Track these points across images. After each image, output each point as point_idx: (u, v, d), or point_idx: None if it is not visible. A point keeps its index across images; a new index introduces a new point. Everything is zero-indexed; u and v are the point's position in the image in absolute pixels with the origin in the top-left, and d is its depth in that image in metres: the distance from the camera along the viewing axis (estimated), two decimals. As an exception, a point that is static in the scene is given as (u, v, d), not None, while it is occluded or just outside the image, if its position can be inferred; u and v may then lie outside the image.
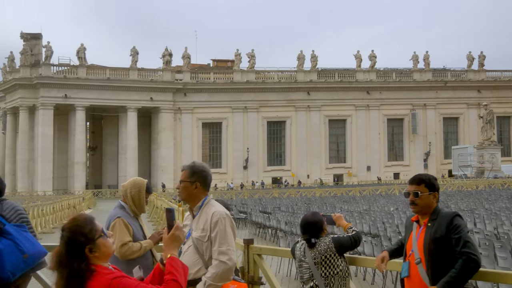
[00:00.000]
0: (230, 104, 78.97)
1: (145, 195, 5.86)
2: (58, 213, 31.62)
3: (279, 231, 20.59)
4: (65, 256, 3.09)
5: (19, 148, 74.59)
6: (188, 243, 5.04)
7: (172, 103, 76.69)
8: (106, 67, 76.42)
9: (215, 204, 5.17)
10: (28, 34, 75.18)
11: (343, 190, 55.68)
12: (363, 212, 24.81)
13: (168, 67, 77.27)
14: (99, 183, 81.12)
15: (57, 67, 74.66)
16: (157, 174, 76.14)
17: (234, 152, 78.87)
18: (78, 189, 69.47)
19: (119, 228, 5.59)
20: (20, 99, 73.24)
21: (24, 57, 74.31)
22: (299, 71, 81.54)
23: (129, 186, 5.84)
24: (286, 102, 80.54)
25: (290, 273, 13.93)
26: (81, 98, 72.66)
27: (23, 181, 73.18)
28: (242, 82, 79.22)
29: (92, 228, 3.16)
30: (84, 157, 76.46)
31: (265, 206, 32.37)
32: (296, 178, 79.06)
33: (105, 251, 3.19)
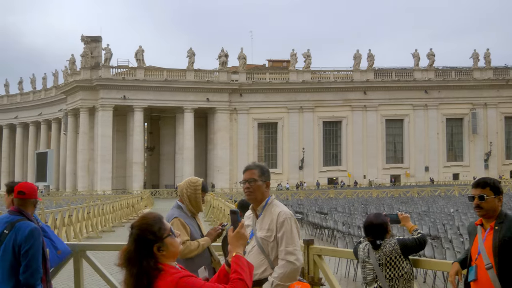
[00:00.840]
0: (285, 104, 78.84)
1: (201, 194, 5.85)
2: (117, 212, 32.21)
3: (336, 231, 20.39)
4: (134, 253, 3.11)
5: (79, 149, 76.43)
6: (252, 243, 5.03)
7: (228, 104, 77.13)
8: (163, 69, 77.52)
9: (279, 204, 5.15)
10: (89, 37, 76.94)
11: (401, 190, 54.88)
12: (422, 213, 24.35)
13: (224, 68, 77.74)
14: (157, 183, 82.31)
15: (116, 69, 76.16)
16: (213, 174, 76.71)
17: (289, 152, 78.69)
18: (136, 189, 70.65)
19: (176, 228, 5.54)
20: (81, 101, 75.03)
21: (84, 59, 76.10)
22: (356, 70, 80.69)
23: (185, 186, 5.86)
24: (342, 102, 79.85)
25: (348, 275, 13.75)
26: (139, 99, 73.93)
27: (83, 180, 74.94)
28: (298, 82, 78.97)
29: (161, 226, 3.20)
30: (142, 157, 77.75)
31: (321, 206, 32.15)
32: (352, 178, 78.28)
33: (173, 251, 3.22)
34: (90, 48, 76.68)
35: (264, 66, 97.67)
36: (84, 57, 76.22)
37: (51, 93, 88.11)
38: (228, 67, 79.63)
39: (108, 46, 74.96)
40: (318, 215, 25.18)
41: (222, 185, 73.72)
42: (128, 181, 74.96)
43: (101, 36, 78.84)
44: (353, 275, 13.58)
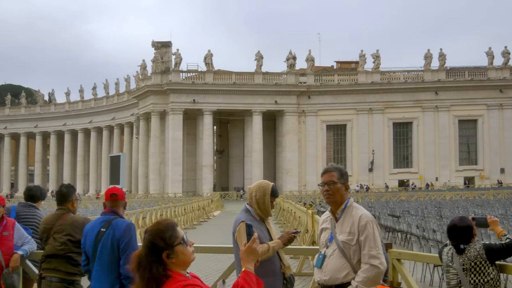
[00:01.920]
0: (354, 106, 77.97)
1: (270, 199, 5.73)
2: (189, 214, 32.62)
3: (410, 235, 19.92)
4: (144, 258, 3.13)
5: (151, 152, 77.99)
6: (332, 246, 4.94)
7: (296, 106, 76.96)
8: (232, 72, 78.17)
9: (358, 206, 5.04)
10: (159, 43, 78.46)
11: (475, 193, 53.24)
12: (500, 216, 23.48)
13: (292, 70, 77.64)
14: (226, 185, 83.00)
15: (185, 74, 77.31)
16: (282, 176, 76.70)
17: (359, 154, 77.77)
18: (206, 191, 71.40)
19: (243, 232, 5.45)
20: (152, 105, 76.57)
21: (155, 64, 77.64)
22: (426, 70, 78.89)
23: (254, 189, 5.76)
24: (412, 103, 78.23)
25: (423, 279, 13.38)
26: (209, 103, 74.80)
27: (154, 183, 76.39)
28: (367, 83, 77.95)
29: (172, 234, 3.18)
30: (212, 160, 78.57)
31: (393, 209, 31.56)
32: (424, 181, 76.56)
33: (183, 259, 3.19)
34: (161, 53, 78.15)
35: (332, 68, 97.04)
36: (154, 62, 77.76)
37: (124, 98, 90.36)
38: (296, 70, 79.47)
39: (177, 51, 76.24)
40: (390, 218, 24.72)
41: (290, 188, 73.59)
42: (198, 183, 75.90)
43: (171, 41, 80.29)
44: (429, 280, 13.21)
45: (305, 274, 14.11)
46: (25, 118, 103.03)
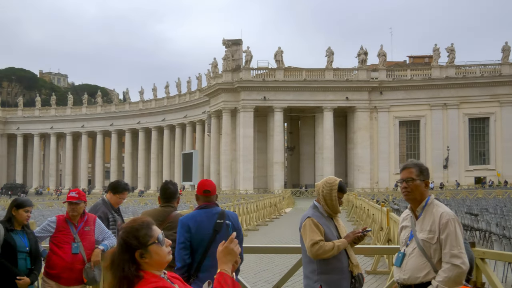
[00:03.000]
0: (428, 101, 76.13)
1: (337, 195, 5.65)
2: (261, 211, 32.71)
3: (490, 233, 19.26)
4: (117, 257, 3.02)
5: (222, 149, 78.79)
6: (412, 245, 4.83)
7: (368, 102, 75.92)
8: (302, 69, 77.90)
9: (440, 204, 4.88)
10: (230, 41, 79.11)
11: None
12: None
13: (364, 66, 76.63)
14: (297, 182, 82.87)
15: (256, 71, 77.64)
16: (354, 173, 75.90)
17: (433, 151, 75.88)
18: (277, 188, 71.51)
19: (309, 228, 5.48)
20: (223, 103, 77.30)
21: (226, 62, 78.34)
22: (504, 63, 76.05)
23: (321, 186, 5.71)
24: (489, 98, 75.61)
25: (505, 280, 12.88)
26: (279, 100, 74.85)
27: (226, 180, 77.12)
28: (441, 78, 75.93)
29: (146, 233, 3.06)
30: (283, 157, 78.59)
31: (470, 207, 30.62)
32: (502, 178, 73.94)
33: (157, 259, 3.06)
34: (231, 51, 78.77)
35: (405, 63, 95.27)
36: (225, 60, 78.47)
37: (195, 96, 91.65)
38: (368, 65, 78.43)
39: (248, 48, 76.66)
40: (468, 216, 24.00)
41: (362, 185, 72.70)
42: (269, 180, 76.12)
43: (242, 39, 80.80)
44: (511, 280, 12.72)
45: (380, 272, 13.90)
46: (101, 117, 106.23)
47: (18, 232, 6.89)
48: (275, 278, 13.03)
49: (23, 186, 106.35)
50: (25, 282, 6.69)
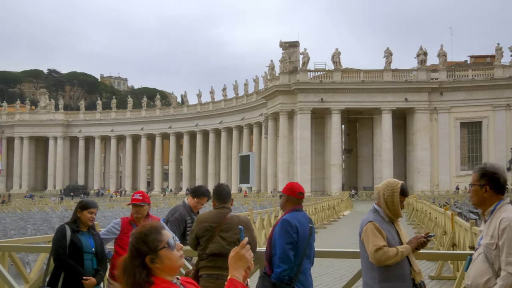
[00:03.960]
0: (490, 102, 73.93)
1: (399, 198, 5.44)
2: (319, 213, 32.47)
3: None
4: (128, 263, 3.01)
5: (279, 151, 78.68)
6: (479, 250, 4.70)
7: (428, 103, 74.37)
8: (360, 70, 77.06)
9: (508, 208, 4.66)
10: (286, 43, 78.98)
11: None
12: None
13: (423, 67, 75.17)
14: (355, 184, 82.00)
15: (313, 73, 77.23)
16: (413, 176, 74.54)
17: (496, 152, 73.58)
18: (334, 191, 70.88)
19: (371, 233, 5.29)
20: (280, 105, 77.18)
21: (283, 64, 78.23)
22: None
23: (382, 189, 5.51)
24: (556, 97, 72.95)
25: None
26: (337, 102, 74.22)
27: (283, 182, 76.65)
28: (504, 78, 73.62)
29: (156, 238, 3.03)
30: (340, 159, 77.86)
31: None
32: None
33: (168, 264, 3.04)
34: (288, 53, 78.61)
35: (466, 63, 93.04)
36: (282, 62, 78.37)
37: (252, 98, 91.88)
38: (427, 66, 76.90)
39: (305, 50, 76.34)
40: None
41: (422, 187, 71.31)
42: (327, 183, 75.55)
43: (299, 41, 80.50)
44: None
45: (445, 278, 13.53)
46: (160, 120, 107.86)
47: (84, 233, 7.00)
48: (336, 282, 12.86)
49: (85, 187, 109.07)
50: (91, 283, 6.77)
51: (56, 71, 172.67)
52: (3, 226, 23.89)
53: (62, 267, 6.79)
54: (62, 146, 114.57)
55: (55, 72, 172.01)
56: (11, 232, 20.95)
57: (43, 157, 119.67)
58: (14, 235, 20.01)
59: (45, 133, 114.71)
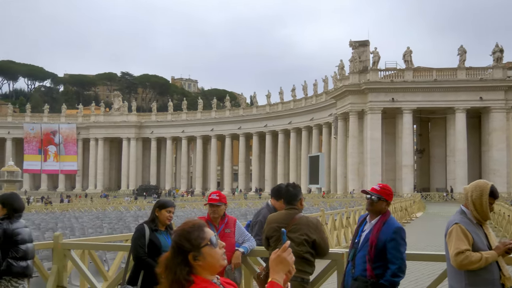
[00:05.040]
0: None
1: (488, 200, 5.24)
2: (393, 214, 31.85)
3: None
4: (171, 260, 3.02)
5: (349, 152, 77.92)
6: None
7: (504, 102, 71.81)
8: (432, 69, 75.33)
9: None
10: (356, 42, 78.14)
11: None
12: None
13: (499, 64, 72.69)
14: (427, 186, 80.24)
15: (384, 72, 76.06)
16: (488, 177, 72.04)
17: None
18: (406, 192, 69.52)
19: (455, 235, 5.11)
20: (350, 105, 76.41)
21: (353, 64, 77.44)
22: None
23: (470, 190, 5.31)
24: None
25: None
26: (408, 101, 72.83)
27: (353, 183, 76.09)
28: None
29: (199, 235, 3.05)
30: (412, 160, 76.35)
31: None
32: None
33: (211, 261, 3.04)
34: (358, 52, 77.74)
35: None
36: (352, 62, 77.60)
37: (322, 99, 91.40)
38: (504, 63, 74.32)
39: (375, 49, 75.35)
40: None
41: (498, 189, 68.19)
42: (398, 184, 74.24)
43: (369, 40, 79.48)
44: None
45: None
46: (230, 121, 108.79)
47: (162, 233, 7.09)
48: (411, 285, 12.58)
49: (157, 187, 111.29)
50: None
51: (129, 74, 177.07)
52: (81, 224, 24.65)
53: (141, 265, 6.90)
54: (135, 147, 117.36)
55: (128, 75, 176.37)
56: (88, 231, 21.57)
57: (116, 158, 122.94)
58: (91, 234, 20.59)
59: (118, 134, 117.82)
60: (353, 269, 6.18)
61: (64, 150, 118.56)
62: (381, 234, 6.00)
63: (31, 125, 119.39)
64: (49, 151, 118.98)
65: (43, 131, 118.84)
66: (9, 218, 7.50)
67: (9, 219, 7.49)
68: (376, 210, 6.18)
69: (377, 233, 6.03)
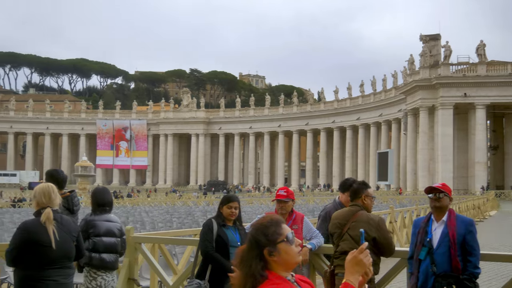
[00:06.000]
0: None
1: None
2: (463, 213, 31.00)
3: None
4: (246, 254, 3.02)
5: (419, 148, 76.37)
6: None
7: None
8: (507, 62, 72.67)
9: None
10: (427, 36, 76.40)
11: None
12: None
13: None
14: (501, 183, 77.66)
15: (455, 66, 74.05)
16: None
17: None
18: (478, 190, 67.58)
19: None
20: (420, 100, 74.82)
21: (423, 58, 75.79)
22: None
23: None
24: None
25: None
26: (481, 96, 70.65)
27: (423, 180, 74.41)
28: None
29: (275, 230, 3.04)
30: (485, 156, 74.04)
31: None
32: None
33: (286, 258, 3.01)
34: (429, 46, 75.99)
35: None
36: (423, 56, 75.95)
37: (391, 94, 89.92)
38: None
39: (447, 43, 73.46)
40: None
41: None
42: (470, 181, 72.26)
43: (440, 34, 77.56)
44: None
45: None
46: (297, 117, 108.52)
47: (230, 228, 7.11)
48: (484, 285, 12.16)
49: (225, 183, 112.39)
50: (238, 276, 6.85)
51: (198, 71, 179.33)
52: (151, 219, 25.13)
53: (209, 260, 6.96)
54: (203, 143, 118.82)
55: (196, 72, 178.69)
56: (158, 225, 21.97)
57: (185, 154, 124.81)
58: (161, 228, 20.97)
59: (187, 130, 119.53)
60: (434, 266, 6.18)
61: (135, 146, 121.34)
62: (458, 228, 6.15)
63: (103, 122, 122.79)
64: (121, 146, 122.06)
65: (115, 127, 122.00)
66: (94, 211, 7.98)
67: (94, 212, 7.97)
68: (443, 206, 6.32)
69: (454, 227, 6.15)
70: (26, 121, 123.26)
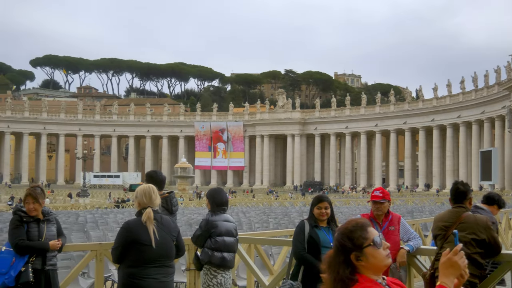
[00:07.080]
0: None
1: None
2: None
3: None
4: (333, 259, 2.99)
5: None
6: None
7: None
8: None
9: None
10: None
11: None
12: None
13: None
14: None
15: None
16: None
17: None
18: None
19: None
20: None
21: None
22: None
23: None
24: None
25: None
26: None
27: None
28: None
29: (361, 235, 2.98)
30: None
31: None
32: None
33: (374, 262, 2.95)
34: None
35: None
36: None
37: (494, 90, 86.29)
38: None
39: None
40: None
41: None
42: None
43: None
44: None
45: None
46: (394, 115, 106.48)
47: (322, 229, 7.10)
48: None
49: (321, 183, 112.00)
50: (328, 278, 6.82)
51: (292, 71, 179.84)
52: (248, 219, 25.36)
53: (300, 261, 7.04)
54: (299, 144, 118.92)
55: (291, 72, 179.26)
56: (255, 225, 22.13)
57: (281, 154, 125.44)
58: (257, 228, 21.11)
59: (283, 131, 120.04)
60: None
61: (232, 147, 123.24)
62: None
63: (201, 124, 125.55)
64: (218, 148, 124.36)
65: (212, 129, 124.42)
66: (213, 211, 8.19)
67: (213, 212, 8.17)
68: None
69: None
70: (128, 124, 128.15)
